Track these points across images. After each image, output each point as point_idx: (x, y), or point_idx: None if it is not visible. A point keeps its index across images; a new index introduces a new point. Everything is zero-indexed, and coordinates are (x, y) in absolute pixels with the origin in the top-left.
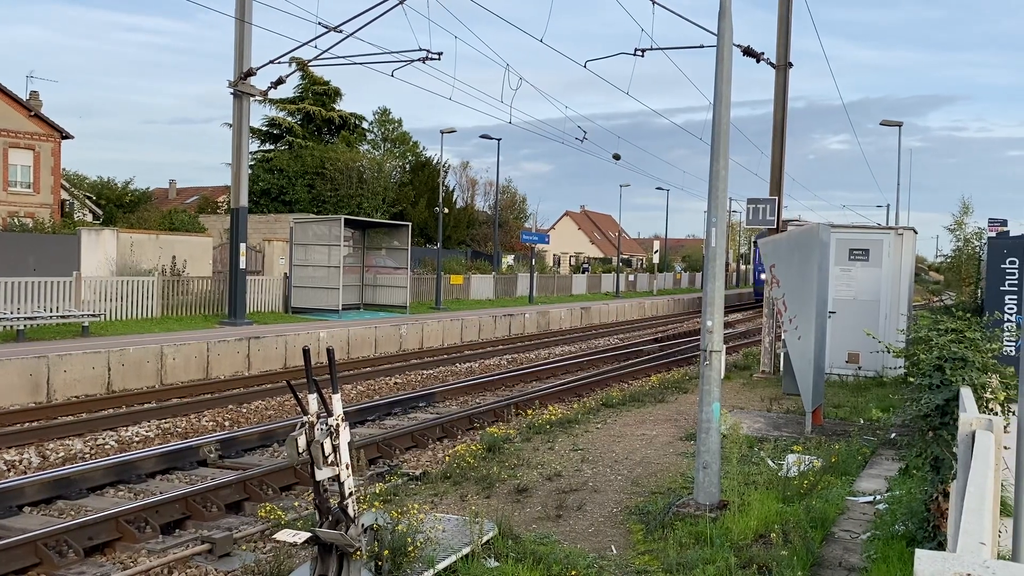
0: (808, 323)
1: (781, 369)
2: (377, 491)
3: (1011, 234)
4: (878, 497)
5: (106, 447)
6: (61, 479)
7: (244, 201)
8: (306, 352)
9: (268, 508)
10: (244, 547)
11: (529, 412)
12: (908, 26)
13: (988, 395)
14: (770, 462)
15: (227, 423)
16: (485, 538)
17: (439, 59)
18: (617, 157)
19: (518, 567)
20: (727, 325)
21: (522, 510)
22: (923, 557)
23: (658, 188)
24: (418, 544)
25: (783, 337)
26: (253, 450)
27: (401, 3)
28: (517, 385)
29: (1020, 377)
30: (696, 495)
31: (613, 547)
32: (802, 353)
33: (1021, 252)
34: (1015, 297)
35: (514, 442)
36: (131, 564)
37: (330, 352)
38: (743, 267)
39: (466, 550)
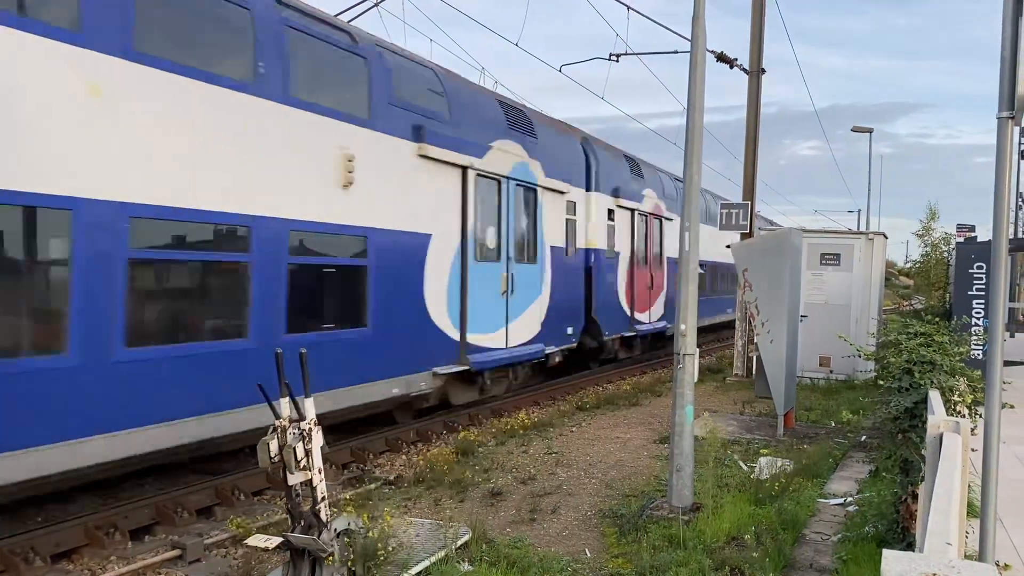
0: (780, 327)
1: (754, 372)
2: (350, 496)
3: (979, 239)
4: (849, 499)
5: None
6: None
7: None
8: (278, 356)
9: (237, 522)
10: (215, 552)
11: (504, 416)
12: (878, 34)
13: (956, 398)
14: (743, 464)
15: None
16: (459, 542)
17: None
18: None
19: (492, 571)
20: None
21: (496, 514)
22: (890, 557)
23: None
24: (391, 549)
25: (756, 341)
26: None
27: (376, 5)
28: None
29: (987, 380)
30: (670, 498)
31: (587, 550)
32: (774, 357)
33: (988, 257)
34: (982, 301)
35: (488, 446)
36: (100, 571)
37: (302, 355)
38: None
39: (440, 554)
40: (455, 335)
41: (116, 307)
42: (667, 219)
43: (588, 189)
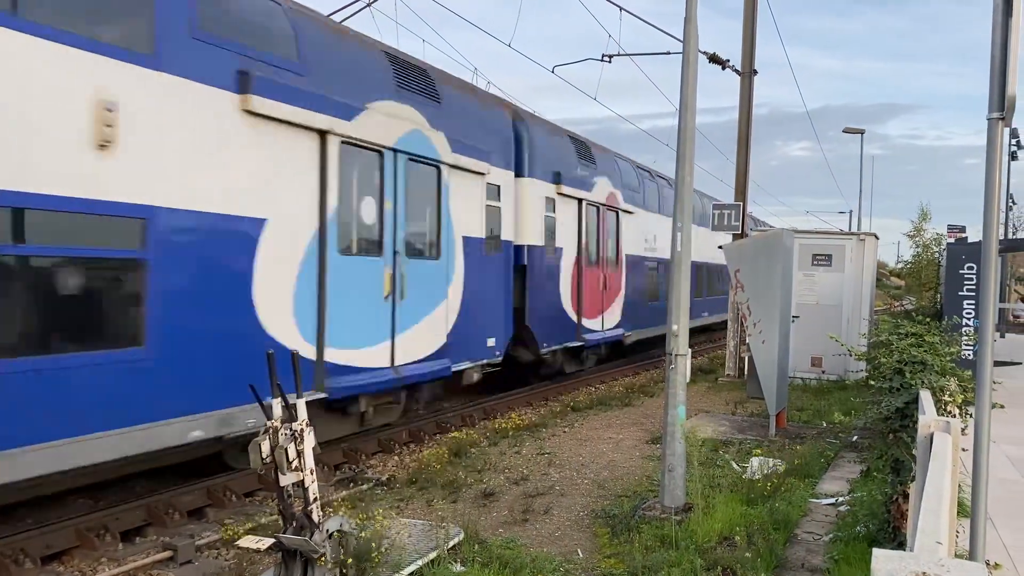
0: (772, 327)
1: (746, 373)
2: (342, 497)
3: (969, 240)
4: (840, 499)
5: None
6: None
7: None
8: (269, 356)
9: (228, 526)
10: (207, 554)
11: (496, 417)
12: (870, 36)
13: (947, 398)
14: (735, 465)
15: None
16: (451, 543)
17: None
18: None
19: (484, 571)
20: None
21: (489, 514)
22: (880, 556)
23: None
24: (383, 549)
25: (748, 341)
26: None
27: (369, 5)
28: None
29: (977, 380)
30: (662, 498)
31: (579, 550)
32: (766, 357)
33: (979, 258)
34: (973, 302)
35: (481, 446)
36: (91, 573)
37: (294, 356)
38: None
39: (432, 555)
40: (309, 352)
41: None
42: (625, 212)
43: (520, 173)
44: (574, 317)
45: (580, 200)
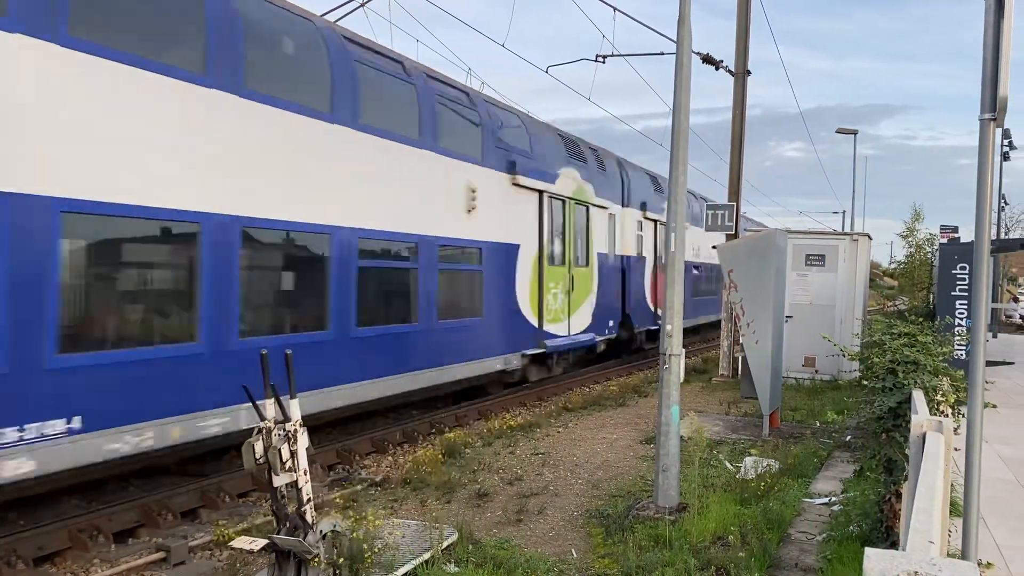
0: (765, 327)
1: (739, 373)
2: (336, 497)
3: (962, 240)
4: (833, 498)
5: None
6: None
7: None
8: (263, 356)
9: (221, 529)
10: (200, 555)
11: (491, 417)
12: (862, 37)
13: (939, 398)
14: (728, 464)
15: None
16: (445, 543)
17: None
18: None
19: (479, 572)
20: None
21: (483, 515)
22: (872, 555)
23: None
24: (377, 550)
25: (741, 341)
26: None
27: (363, 5)
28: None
29: (970, 380)
30: (656, 498)
31: (574, 550)
32: (760, 357)
33: (971, 258)
34: (965, 302)
35: (475, 447)
36: (83, 574)
37: (288, 357)
38: None
39: (426, 555)
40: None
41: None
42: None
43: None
44: (652, 308)
45: (656, 222)
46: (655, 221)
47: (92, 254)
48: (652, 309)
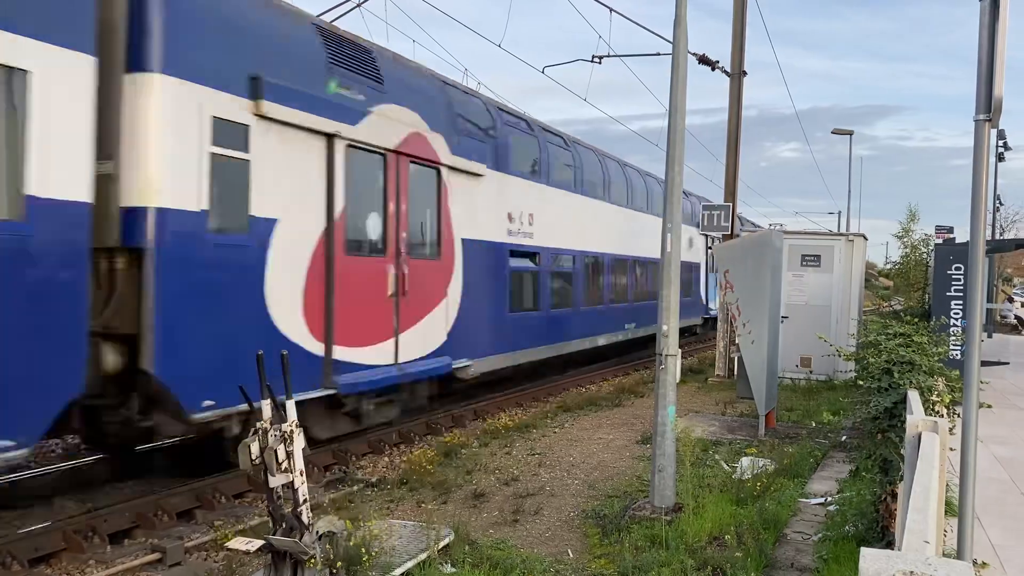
0: (761, 328)
1: (735, 373)
2: (332, 498)
3: (957, 241)
4: (829, 499)
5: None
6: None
7: None
8: (259, 357)
9: (218, 530)
10: (196, 556)
11: (487, 418)
12: (857, 37)
13: (934, 398)
14: (724, 465)
15: None
16: (441, 544)
17: None
18: None
19: (475, 572)
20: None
21: (479, 515)
22: (868, 555)
23: None
24: (373, 552)
25: (737, 341)
26: None
27: (359, 6)
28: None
29: (965, 380)
30: (652, 498)
31: (570, 551)
32: (755, 357)
33: (966, 259)
34: (961, 302)
35: (472, 447)
36: (79, 575)
37: (284, 357)
38: None
39: (422, 556)
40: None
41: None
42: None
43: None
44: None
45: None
46: (329, 136)
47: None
48: (305, 349)
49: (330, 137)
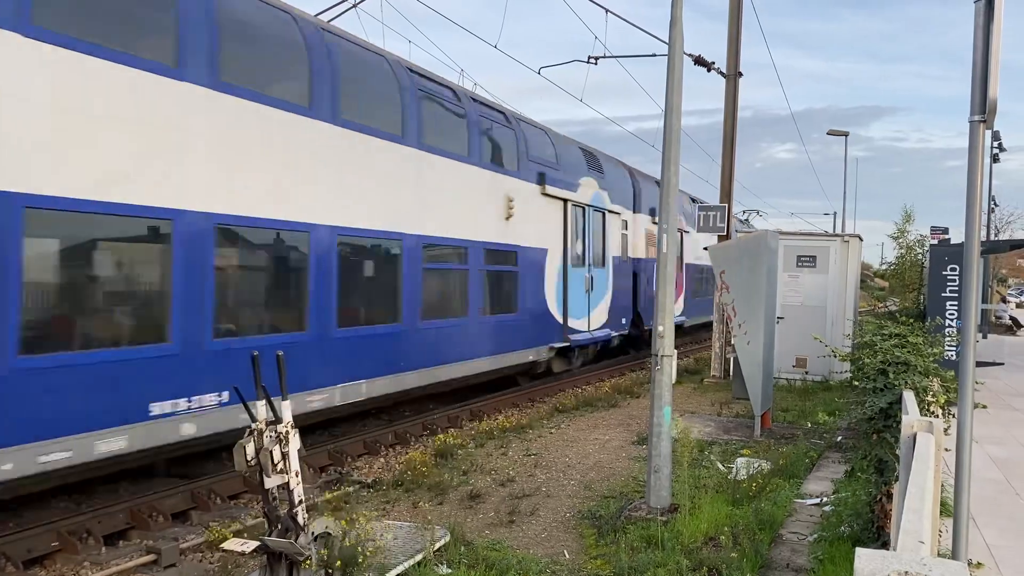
0: (757, 328)
1: (731, 374)
2: (328, 499)
3: (952, 242)
4: (825, 499)
5: None
6: None
7: None
8: (254, 358)
9: (213, 532)
10: (191, 557)
11: (483, 418)
12: (852, 38)
13: (930, 398)
14: (720, 465)
15: None
16: (437, 545)
17: None
18: None
19: (471, 573)
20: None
21: (475, 516)
22: (863, 555)
23: None
24: (369, 552)
25: (733, 342)
26: None
27: (355, 6)
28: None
29: (960, 381)
30: (648, 499)
31: (566, 552)
32: (751, 358)
33: (961, 259)
34: (956, 303)
35: (467, 448)
36: None
37: (279, 357)
38: None
39: (418, 557)
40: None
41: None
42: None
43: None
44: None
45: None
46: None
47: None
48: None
49: (565, 201)
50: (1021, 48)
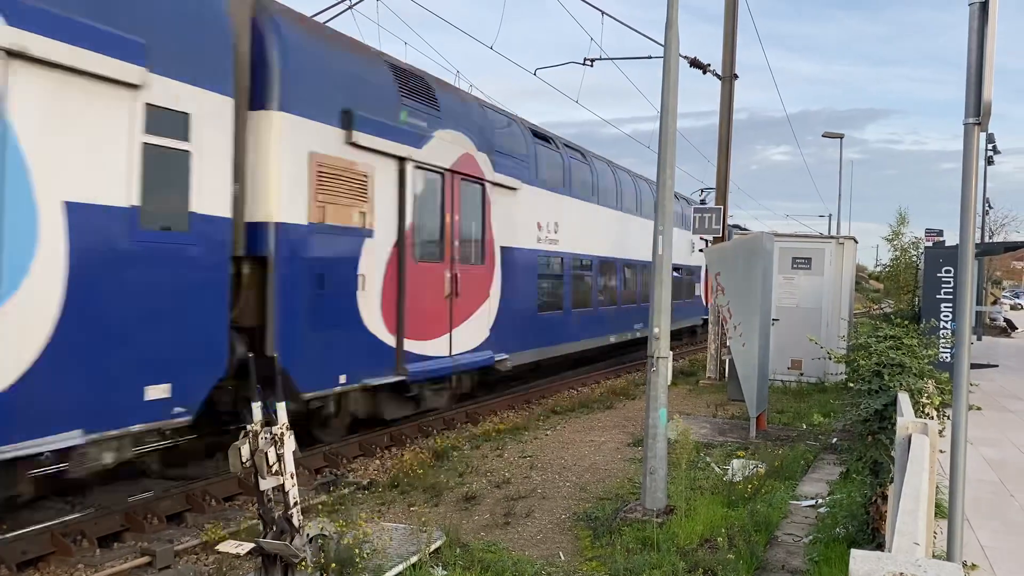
0: (752, 330)
1: (726, 375)
2: (323, 501)
3: (946, 244)
4: (820, 501)
5: None
6: None
7: None
8: (251, 359)
9: (208, 534)
10: (186, 559)
11: (479, 420)
12: (848, 41)
13: (924, 400)
14: (715, 467)
15: None
16: (433, 546)
17: None
18: None
19: (466, 575)
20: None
21: (471, 518)
22: (858, 557)
23: None
24: (364, 554)
25: (728, 344)
26: None
27: (350, 8)
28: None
29: (954, 383)
30: (643, 500)
31: (561, 553)
32: (746, 360)
33: (956, 261)
34: (950, 305)
35: (463, 450)
36: None
37: (274, 360)
38: None
39: (413, 559)
40: None
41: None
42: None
43: None
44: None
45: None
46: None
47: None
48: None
49: (401, 160)
50: (1015, 51)
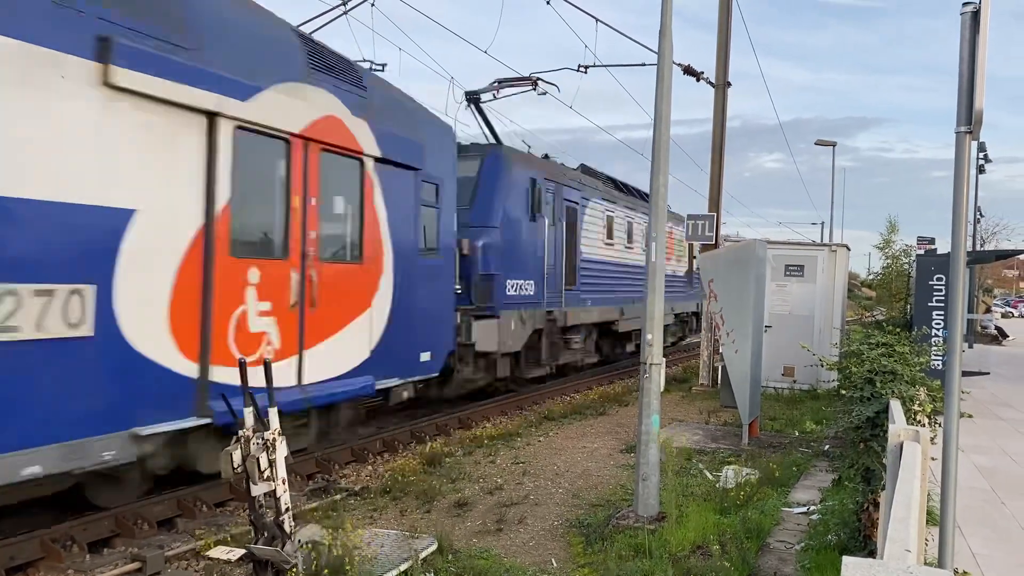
0: (745, 337)
1: (719, 382)
2: (315, 507)
3: (938, 252)
4: (812, 508)
5: None
6: None
7: None
8: (242, 364)
9: (199, 539)
10: (177, 565)
11: (472, 426)
12: (839, 49)
13: (916, 407)
14: (708, 474)
15: None
16: (424, 553)
17: (383, 71)
18: None
19: None
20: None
21: (462, 524)
22: (850, 564)
23: None
24: (355, 560)
25: (721, 351)
26: None
27: (345, 14)
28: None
29: (946, 390)
30: (636, 507)
31: (553, 560)
32: (739, 366)
33: (947, 269)
34: (942, 313)
35: (455, 456)
36: None
37: (267, 364)
38: None
39: (405, 566)
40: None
41: None
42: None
43: None
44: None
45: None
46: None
47: None
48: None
49: (212, 115)
50: (1006, 60)
